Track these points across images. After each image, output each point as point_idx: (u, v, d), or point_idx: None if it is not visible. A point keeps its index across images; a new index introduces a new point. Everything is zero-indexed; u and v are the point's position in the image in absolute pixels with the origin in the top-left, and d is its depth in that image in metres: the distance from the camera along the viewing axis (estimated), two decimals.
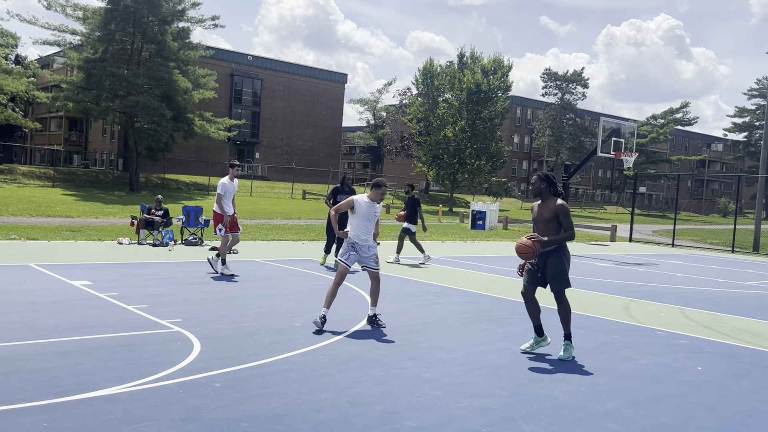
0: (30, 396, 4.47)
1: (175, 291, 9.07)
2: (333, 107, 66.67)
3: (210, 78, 41.84)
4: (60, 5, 38.58)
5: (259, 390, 4.90)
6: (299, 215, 31.37)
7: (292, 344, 6.34)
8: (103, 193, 35.67)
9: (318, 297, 9.20)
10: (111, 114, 40.32)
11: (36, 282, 9.13)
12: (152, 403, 4.47)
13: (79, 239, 15.29)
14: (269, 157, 61.67)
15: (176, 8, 38.83)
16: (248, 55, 61.34)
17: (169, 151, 41.01)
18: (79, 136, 63.92)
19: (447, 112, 49.25)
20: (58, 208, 25.04)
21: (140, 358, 5.59)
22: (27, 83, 39.99)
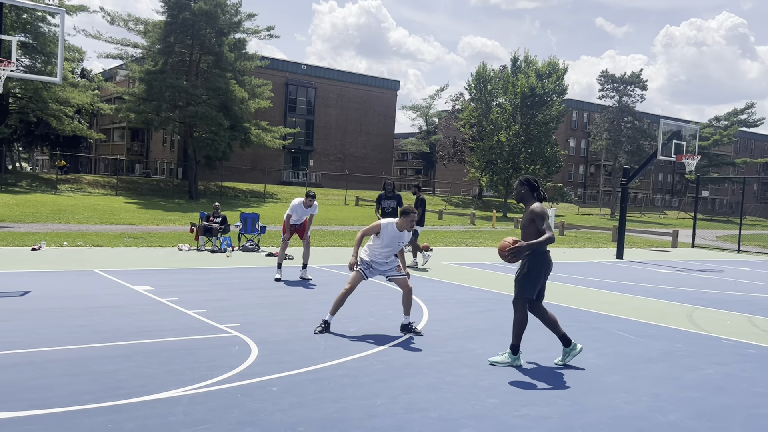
0: (95, 397, 4.61)
1: (233, 296, 9.24)
2: (385, 114, 66.94)
3: (265, 87, 42.62)
4: (122, 20, 40.00)
5: (315, 395, 4.94)
6: (353, 221, 31.55)
7: (346, 349, 6.37)
8: (163, 201, 36.69)
9: (373, 303, 9.23)
10: (171, 124, 41.52)
11: (100, 287, 9.45)
12: (211, 406, 4.55)
13: (140, 246, 15.77)
14: (323, 165, 62.35)
15: (233, 20, 39.75)
16: (302, 65, 62.23)
17: (227, 160, 41.93)
18: (141, 145, 66.03)
19: (500, 117, 48.82)
20: (120, 215, 25.89)
21: (200, 361, 5.71)
22: (92, 95, 41.55)
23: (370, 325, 7.64)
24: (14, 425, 4.04)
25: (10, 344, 5.96)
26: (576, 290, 11.66)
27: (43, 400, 4.51)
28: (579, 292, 11.48)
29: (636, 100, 64.52)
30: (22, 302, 8.02)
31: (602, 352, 6.86)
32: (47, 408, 4.35)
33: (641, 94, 64.44)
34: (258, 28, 42.58)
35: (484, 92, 49.30)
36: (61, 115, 38.99)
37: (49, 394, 4.64)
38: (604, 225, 42.93)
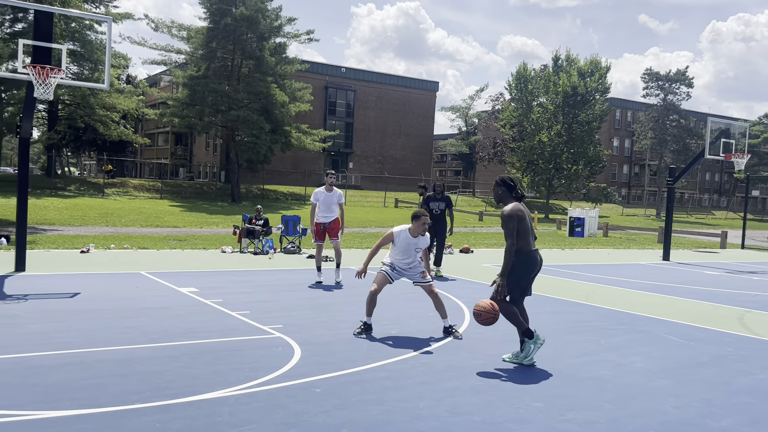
0: (144, 397, 4.71)
1: (276, 298, 9.33)
2: (424, 115, 66.84)
3: (306, 91, 42.99)
4: (166, 26, 40.85)
5: (358, 396, 4.94)
6: (392, 223, 31.57)
7: (388, 352, 6.37)
8: (206, 203, 37.31)
9: (415, 305, 9.21)
10: (213, 128, 42.21)
11: (147, 289, 9.64)
12: (256, 407, 4.60)
13: (185, 248, 16.05)
14: (362, 167, 62.57)
15: (273, 24, 40.22)
16: (341, 68, 62.57)
17: (268, 163, 42.43)
18: (185, 150, 67.29)
19: (542, 117, 48.28)
20: (165, 218, 26.41)
21: (244, 362, 5.78)
22: (137, 101, 42.50)
23: (412, 327, 7.63)
24: (66, 424, 4.14)
25: (62, 345, 6.12)
26: (621, 292, 11.43)
27: (94, 399, 4.62)
28: (624, 294, 11.25)
29: (681, 98, 63.08)
30: (73, 303, 8.24)
31: (649, 356, 6.71)
32: (97, 407, 4.45)
33: (687, 91, 62.96)
34: (298, 32, 43.01)
35: (524, 92, 48.82)
36: (107, 120, 39.98)
37: (99, 393, 4.75)
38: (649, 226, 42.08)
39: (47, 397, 4.61)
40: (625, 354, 6.72)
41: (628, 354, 6.73)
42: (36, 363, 5.47)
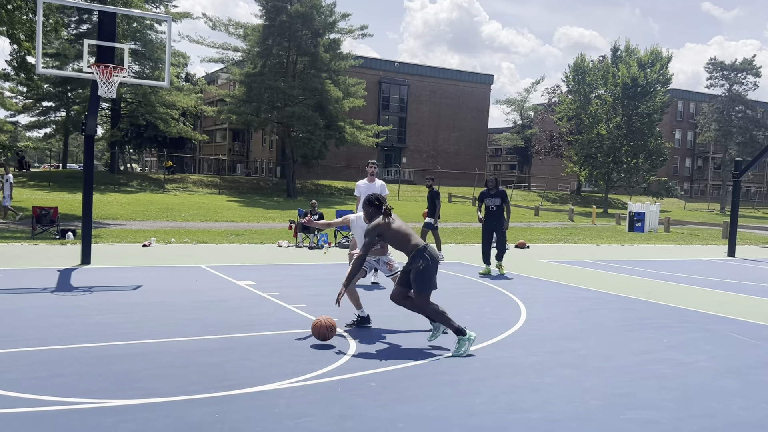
0: (203, 388, 4.81)
1: (331, 292, 9.39)
2: (478, 109, 66.21)
3: (359, 86, 43.16)
4: (223, 25, 41.62)
5: (414, 391, 4.93)
6: (445, 218, 31.42)
7: (443, 347, 6.32)
8: (263, 199, 37.92)
9: (470, 300, 9.13)
10: (269, 125, 42.84)
11: (206, 281, 9.86)
12: (313, 399, 4.64)
13: (243, 242, 16.35)
14: (415, 162, 62.45)
15: (328, 20, 40.49)
16: (395, 62, 62.55)
17: (323, 159, 42.80)
18: (242, 146, 68.54)
19: (600, 109, 47.16)
20: (223, 213, 26.97)
21: (301, 355, 5.84)
22: (195, 99, 43.50)
23: (467, 323, 7.55)
24: (129, 412, 4.27)
25: (125, 335, 6.32)
26: (684, 289, 11.07)
27: (155, 389, 4.74)
28: (687, 291, 10.89)
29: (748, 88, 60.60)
30: (135, 296, 8.49)
31: (715, 355, 6.47)
32: (158, 397, 4.57)
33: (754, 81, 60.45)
34: (352, 28, 43.17)
35: (582, 84, 47.76)
36: (167, 117, 41.07)
37: (160, 383, 4.88)
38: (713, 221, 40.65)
39: (112, 386, 4.76)
40: (689, 352, 6.50)
41: (692, 352, 6.50)
42: (101, 353, 5.66)
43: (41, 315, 7.07)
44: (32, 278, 9.47)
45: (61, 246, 13.86)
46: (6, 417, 4.09)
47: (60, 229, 15.65)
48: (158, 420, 4.14)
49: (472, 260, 14.30)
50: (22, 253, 12.54)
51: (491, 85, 67.90)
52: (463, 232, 23.69)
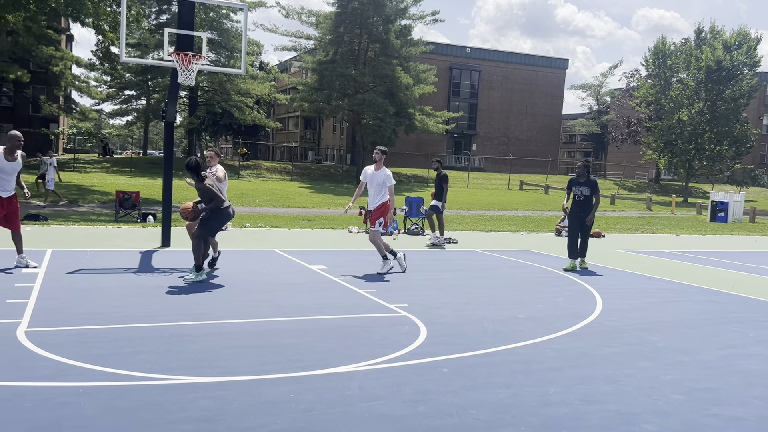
0: (278, 368, 4.90)
1: (400, 277, 9.41)
2: (552, 94, 64.69)
3: (430, 73, 42.92)
4: (296, 13, 42.16)
5: (486, 378, 4.87)
6: (516, 206, 30.95)
7: (516, 335, 6.23)
8: (333, 185, 38.35)
9: (542, 289, 8.96)
10: (340, 112, 43.21)
11: (279, 265, 10.05)
12: (385, 383, 4.65)
13: (314, 227, 16.58)
14: (486, 148, 61.69)
15: (399, 6, 40.38)
16: (466, 48, 61.80)
17: (392, 145, 42.85)
18: (313, 133, 69.45)
19: (681, 94, 45.21)
20: (295, 199, 27.44)
21: (372, 339, 5.87)
22: (269, 87, 44.30)
23: (540, 312, 7.42)
24: (207, 389, 4.39)
25: (202, 315, 6.51)
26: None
27: (232, 368, 4.87)
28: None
29: None
30: (212, 278, 8.74)
31: None
32: (235, 375, 4.69)
33: None
34: (423, 14, 42.90)
35: (663, 68, 45.88)
36: (242, 105, 42.01)
37: (237, 362, 5.00)
38: None
39: (191, 364, 4.91)
40: None
41: None
42: (180, 332, 5.85)
43: (124, 294, 7.38)
44: (115, 259, 9.89)
45: (142, 229, 14.43)
46: (94, 389, 4.29)
47: (141, 213, 16.29)
48: (236, 398, 4.24)
49: (543, 248, 14.03)
50: (106, 235, 13.11)
51: (566, 70, 66.18)
52: (535, 220, 23.28)
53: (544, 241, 16.04)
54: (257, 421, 3.88)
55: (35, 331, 5.62)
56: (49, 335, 5.51)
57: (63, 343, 5.27)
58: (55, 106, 41.61)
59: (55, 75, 38.56)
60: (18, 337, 5.40)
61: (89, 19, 22.71)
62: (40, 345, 5.19)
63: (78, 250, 10.75)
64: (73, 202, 21.35)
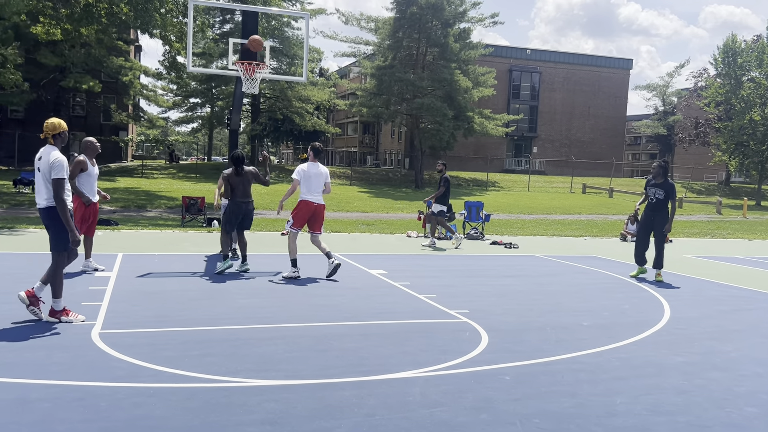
0: (340, 372, 4.96)
1: (461, 283, 9.37)
2: (616, 95, 63.21)
3: (489, 75, 42.59)
4: (356, 19, 42.56)
5: (549, 387, 4.80)
6: (579, 210, 30.33)
7: (580, 344, 6.11)
8: (392, 190, 38.48)
9: (606, 295, 8.76)
10: (399, 116, 43.35)
11: (340, 270, 10.14)
12: (446, 390, 4.64)
13: (373, 232, 16.68)
14: (547, 151, 60.75)
15: (458, 10, 40.26)
16: (526, 49, 61.06)
17: (451, 149, 42.73)
18: (371, 138, 69.93)
19: (754, 93, 43.41)
20: (354, 204, 27.67)
21: (433, 345, 5.86)
22: (329, 93, 44.85)
23: (605, 319, 7.25)
24: (273, 392, 4.48)
25: (267, 319, 6.65)
26: None
27: (296, 371, 4.95)
28: None
29: None
30: (274, 281, 8.91)
31: None
32: (299, 379, 4.77)
33: None
34: (482, 17, 42.64)
35: (733, 66, 44.19)
36: (303, 112, 42.69)
37: (301, 366, 5.09)
38: None
39: (256, 367, 5.02)
40: None
41: None
42: (246, 335, 5.99)
43: (191, 297, 7.60)
44: (182, 263, 10.20)
45: (207, 233, 14.83)
46: (164, 391, 4.43)
47: (207, 218, 16.74)
48: (300, 401, 4.32)
49: (608, 254, 13.71)
50: (173, 239, 13.53)
51: (630, 70, 64.58)
52: (599, 224, 22.77)
53: (608, 246, 15.68)
54: (321, 425, 3.93)
55: (108, 332, 5.86)
56: (121, 337, 5.73)
57: (134, 345, 5.47)
58: (125, 114, 43.27)
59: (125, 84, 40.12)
60: (93, 339, 5.64)
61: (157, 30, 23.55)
62: (113, 346, 5.41)
63: (147, 254, 11.14)
64: (141, 207, 22.14)
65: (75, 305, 6.76)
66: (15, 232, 13.62)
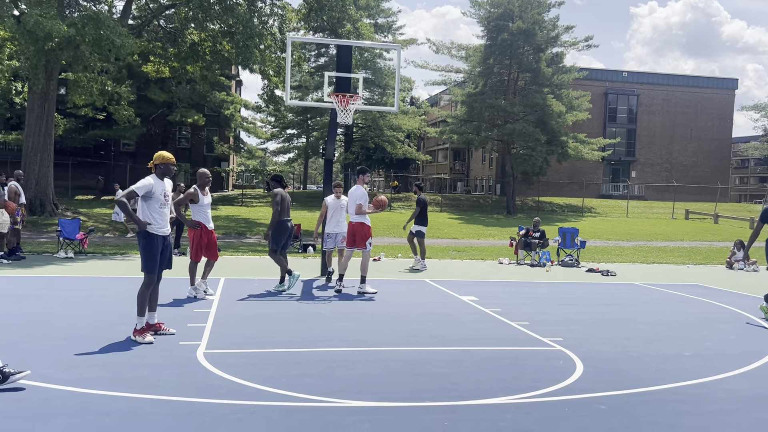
0: (433, 396, 5.01)
1: (554, 310, 9.20)
2: (720, 117, 60.18)
3: (583, 99, 41.73)
4: (446, 48, 42.93)
5: (647, 417, 4.65)
6: (682, 236, 28.96)
7: (681, 374, 5.87)
8: (483, 216, 38.19)
9: (710, 325, 8.35)
10: (489, 142, 43.13)
11: (431, 295, 10.21)
12: (539, 417, 4.60)
13: (464, 258, 16.63)
14: (646, 176, 58.49)
15: (550, 35, 39.85)
16: (623, 72, 59.43)
17: (544, 175, 41.98)
18: (462, 164, 69.81)
19: None
20: (445, 230, 27.66)
21: (525, 372, 5.81)
22: (419, 121, 45.31)
23: (707, 350, 6.93)
24: (366, 413, 4.59)
25: (360, 342, 6.79)
26: None
27: (388, 394, 5.04)
28: None
29: None
30: (367, 306, 9.08)
31: None
32: (392, 401, 4.86)
33: None
34: (575, 40, 41.98)
35: None
36: (394, 140, 43.32)
37: (393, 389, 5.17)
38: None
39: (350, 388, 5.15)
40: None
41: None
42: (340, 357, 6.15)
43: (287, 320, 7.88)
44: None
45: (303, 259, 15.27)
46: (263, 408, 4.64)
47: (302, 244, 17.25)
48: (392, 423, 4.40)
49: (713, 282, 13.05)
50: (272, 265, 14.02)
51: (735, 90, 61.43)
52: (703, 251, 21.68)
53: (713, 274, 14.92)
54: None
55: (212, 352, 6.17)
56: (223, 357, 6.03)
57: (235, 365, 5.74)
58: (226, 146, 45.41)
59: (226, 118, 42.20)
60: (198, 358, 5.96)
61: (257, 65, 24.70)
62: (216, 365, 5.70)
63: (247, 278, 11.62)
64: (241, 234, 23.08)
65: (181, 326, 7.17)
66: (127, 257, 14.57)
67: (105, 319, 7.59)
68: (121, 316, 7.50)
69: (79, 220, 16.21)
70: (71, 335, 6.72)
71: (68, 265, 12.92)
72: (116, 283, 10.50)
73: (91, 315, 7.84)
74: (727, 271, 15.68)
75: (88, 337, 6.61)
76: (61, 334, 6.77)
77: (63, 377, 5.19)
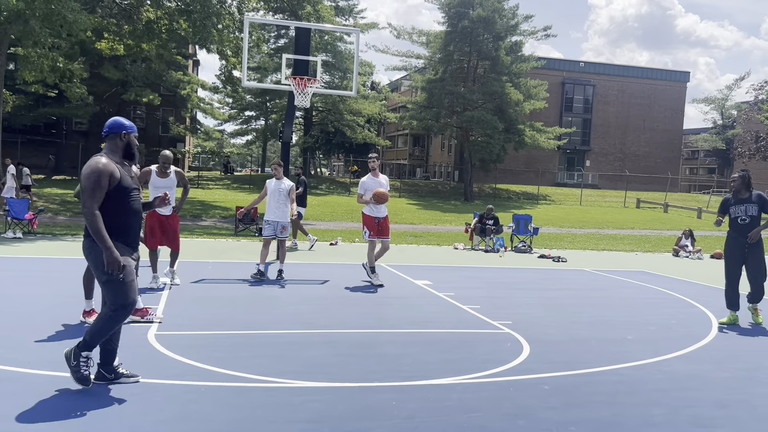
0: (381, 377, 5.12)
1: (506, 295, 9.42)
2: (672, 108, 61.77)
3: (541, 88, 42.30)
4: (407, 33, 42.94)
5: (588, 397, 4.85)
6: (632, 225, 29.77)
7: (623, 356, 6.11)
8: (440, 202, 38.52)
9: (653, 310, 8.68)
10: (449, 129, 43.44)
11: (386, 279, 10.31)
12: (484, 396, 4.75)
13: (420, 243, 16.82)
14: (600, 165, 59.75)
15: (510, 23, 40.20)
16: (580, 62, 60.38)
17: (501, 162, 42.53)
18: (421, 151, 70.13)
19: None
20: (403, 215, 27.84)
21: (474, 354, 5.97)
22: (380, 106, 45.27)
23: (650, 333, 7.21)
24: (317, 393, 4.68)
25: (312, 325, 6.86)
26: None
27: (339, 374, 5.13)
28: None
29: None
30: (322, 290, 9.15)
31: None
32: (342, 382, 4.95)
33: None
34: (534, 29, 42.47)
35: None
36: (354, 125, 43.21)
37: (343, 370, 5.27)
38: None
39: (301, 369, 5.23)
40: None
41: None
42: (292, 339, 6.21)
43: (240, 303, 7.89)
44: (234, 271, 10.55)
45: (259, 242, 15.22)
46: (215, 389, 4.68)
47: (259, 228, 17.18)
48: (341, 402, 4.49)
49: (660, 269, 13.51)
50: (226, 248, 13.96)
51: (687, 83, 63.07)
52: (652, 240, 22.35)
53: (660, 261, 15.43)
54: (361, 425, 4.10)
55: (164, 334, 6.16)
56: (175, 338, 6.03)
57: (187, 346, 5.75)
58: (182, 126, 44.62)
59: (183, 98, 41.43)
60: (149, 340, 5.95)
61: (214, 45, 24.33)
62: (167, 347, 5.70)
63: (201, 261, 11.55)
64: (197, 216, 22.82)
65: None
66: (77, 238, 14.30)
67: (55, 300, 7.49)
68: (72, 297, 7.41)
69: (28, 199, 15.81)
70: (20, 315, 6.62)
71: (16, 245, 12.63)
72: (67, 264, 10.33)
73: (41, 296, 7.72)
74: (674, 259, 16.23)
75: (36, 318, 6.52)
76: (9, 314, 6.67)
77: (11, 357, 5.13)
